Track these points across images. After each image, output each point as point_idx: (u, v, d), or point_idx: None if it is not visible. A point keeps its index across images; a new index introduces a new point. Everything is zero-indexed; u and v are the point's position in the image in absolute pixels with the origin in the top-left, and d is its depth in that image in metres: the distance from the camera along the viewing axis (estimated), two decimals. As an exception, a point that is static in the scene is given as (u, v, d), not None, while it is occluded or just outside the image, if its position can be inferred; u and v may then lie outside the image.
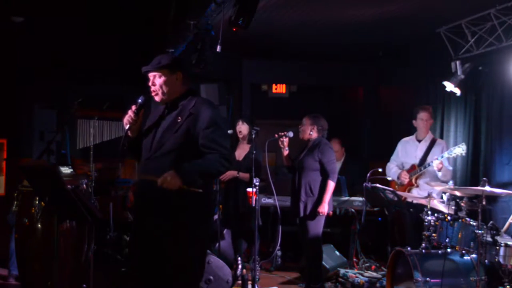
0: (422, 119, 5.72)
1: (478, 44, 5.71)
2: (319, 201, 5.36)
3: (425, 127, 5.74)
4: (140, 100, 3.43)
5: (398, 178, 5.79)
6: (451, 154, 5.34)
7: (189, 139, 3.35)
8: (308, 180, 5.44)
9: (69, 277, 4.29)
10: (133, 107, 3.40)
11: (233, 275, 5.34)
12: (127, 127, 3.40)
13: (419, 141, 5.79)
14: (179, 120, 3.38)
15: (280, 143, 5.54)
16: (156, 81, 3.42)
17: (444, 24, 5.98)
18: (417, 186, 5.64)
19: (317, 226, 5.43)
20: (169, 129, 3.39)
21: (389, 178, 5.97)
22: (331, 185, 5.38)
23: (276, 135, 5.53)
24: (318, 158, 5.42)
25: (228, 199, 6.02)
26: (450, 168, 5.62)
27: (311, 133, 5.54)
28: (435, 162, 5.40)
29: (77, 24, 6.41)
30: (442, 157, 5.38)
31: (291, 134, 5.50)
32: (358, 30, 6.65)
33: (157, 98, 3.47)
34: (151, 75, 3.44)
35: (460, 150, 5.29)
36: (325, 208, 5.33)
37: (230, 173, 5.94)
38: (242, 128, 6.03)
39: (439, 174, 5.45)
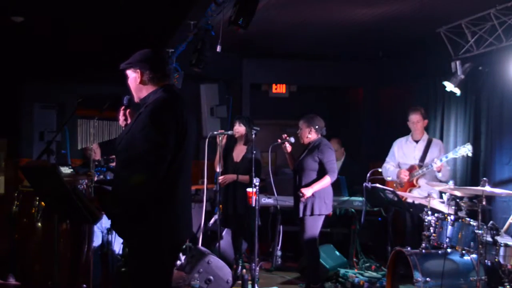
0: (412, 122, 5.82)
1: (478, 44, 5.71)
2: (317, 198, 5.36)
3: (417, 129, 5.81)
4: (124, 101, 3.39)
5: (398, 177, 5.80)
6: (456, 154, 5.34)
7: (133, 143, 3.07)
8: (309, 181, 5.44)
9: (69, 277, 4.29)
10: (121, 108, 3.38)
11: (233, 275, 5.34)
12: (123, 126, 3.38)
13: (416, 141, 5.83)
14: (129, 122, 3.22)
15: (283, 148, 5.59)
16: (128, 79, 3.28)
17: (444, 24, 5.98)
18: (419, 187, 5.66)
19: (314, 226, 5.41)
20: (125, 132, 3.23)
21: (388, 178, 5.97)
22: (326, 179, 5.36)
23: (279, 140, 5.56)
24: (318, 159, 5.43)
25: (227, 200, 6.01)
26: (449, 167, 5.63)
27: (309, 135, 5.57)
28: (437, 163, 5.40)
29: (77, 24, 6.41)
30: (446, 157, 5.37)
31: (292, 139, 5.55)
32: (358, 30, 6.64)
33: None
34: None
35: (465, 150, 5.29)
36: (308, 191, 5.29)
37: (230, 177, 5.93)
38: (239, 129, 5.99)
39: (439, 174, 5.46)
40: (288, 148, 5.58)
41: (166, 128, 2.99)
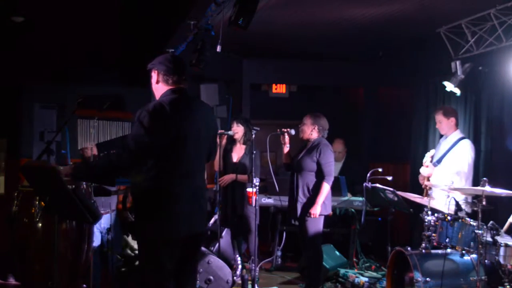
0: (436, 122, 5.68)
1: (478, 44, 5.71)
2: (313, 202, 5.34)
3: (442, 129, 5.62)
4: None
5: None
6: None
7: None
8: (306, 181, 5.40)
9: (69, 277, 4.29)
10: None
11: (233, 275, 5.34)
12: None
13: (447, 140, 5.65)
14: None
15: (281, 138, 5.53)
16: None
17: (444, 24, 5.98)
18: (430, 189, 5.35)
19: (316, 226, 5.38)
20: None
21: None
22: (326, 187, 5.31)
23: (278, 130, 5.51)
24: (316, 159, 5.38)
25: (226, 200, 6.01)
26: (456, 170, 5.37)
27: (311, 133, 5.50)
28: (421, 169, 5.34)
29: (77, 24, 6.41)
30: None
31: (293, 131, 5.49)
32: (358, 30, 6.65)
33: None
34: None
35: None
36: (317, 210, 5.25)
37: (228, 177, 5.93)
38: (237, 129, 5.99)
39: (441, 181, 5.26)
40: (287, 140, 5.54)
41: (150, 128, 3.14)
